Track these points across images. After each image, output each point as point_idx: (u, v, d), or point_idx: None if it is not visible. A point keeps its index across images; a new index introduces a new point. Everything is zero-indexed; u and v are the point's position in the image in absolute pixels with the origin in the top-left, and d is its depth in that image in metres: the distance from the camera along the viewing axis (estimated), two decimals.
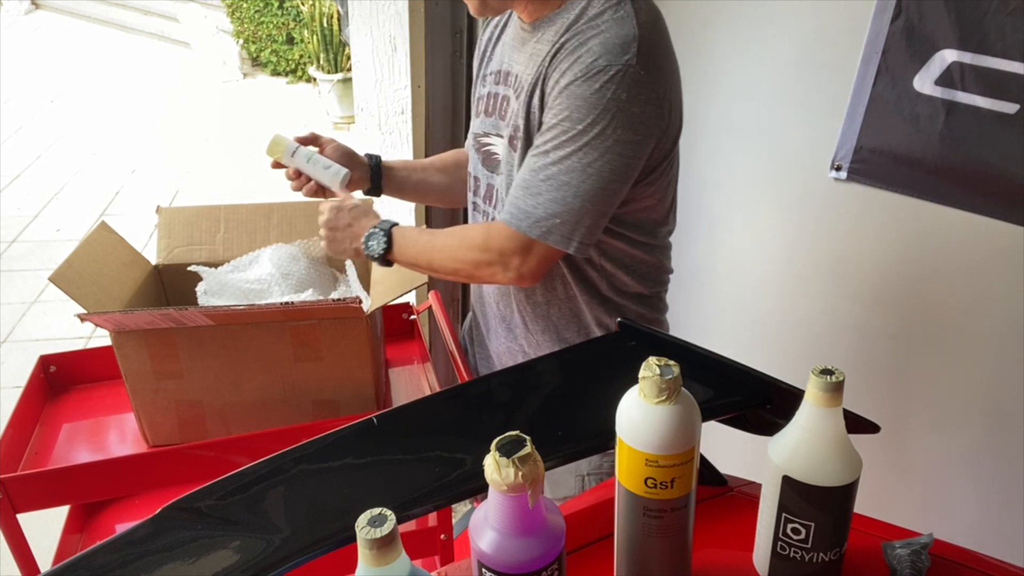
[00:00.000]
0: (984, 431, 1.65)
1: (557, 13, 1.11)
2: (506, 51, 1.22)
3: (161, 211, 1.57)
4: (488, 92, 1.25)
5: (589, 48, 1.03)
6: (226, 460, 1.34)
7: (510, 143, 1.17)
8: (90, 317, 1.25)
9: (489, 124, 1.25)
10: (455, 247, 1.17)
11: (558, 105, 1.06)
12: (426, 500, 0.74)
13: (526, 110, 1.12)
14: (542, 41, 1.12)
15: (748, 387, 0.86)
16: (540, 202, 1.08)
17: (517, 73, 1.18)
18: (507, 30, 1.24)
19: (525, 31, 1.17)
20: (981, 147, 1.46)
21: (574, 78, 1.04)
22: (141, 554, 0.69)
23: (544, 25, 1.12)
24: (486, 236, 1.13)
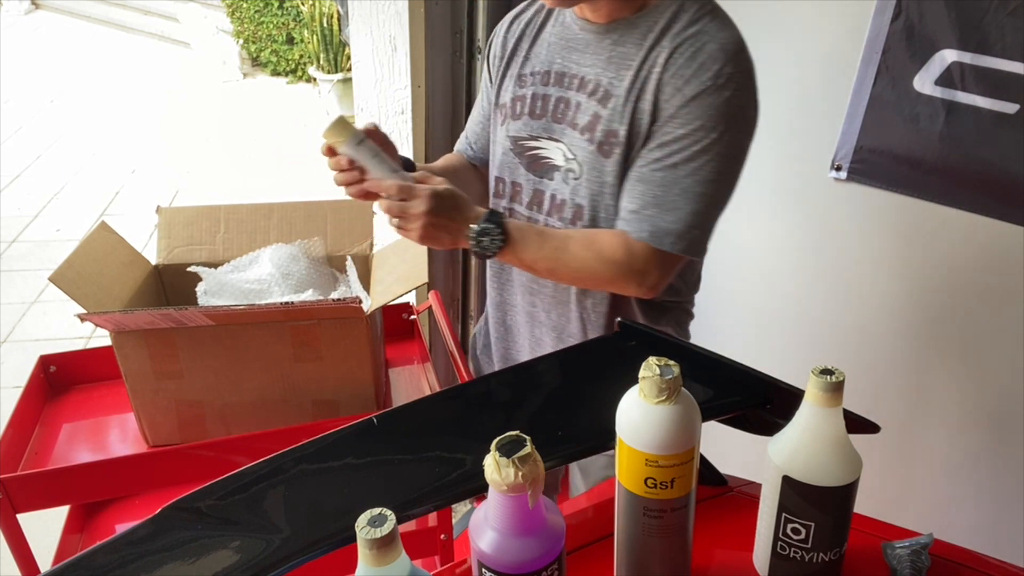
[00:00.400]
0: (984, 431, 1.65)
1: (639, 16, 1.09)
2: (556, 51, 1.17)
3: (161, 211, 1.57)
4: (533, 93, 1.18)
5: (711, 55, 1.04)
6: (226, 460, 1.34)
7: (599, 149, 1.11)
8: (90, 317, 1.25)
9: (537, 127, 1.18)
10: (590, 259, 1.10)
11: (686, 115, 1.04)
12: (426, 500, 0.74)
13: (630, 117, 1.08)
14: (624, 44, 1.09)
15: (748, 387, 0.86)
16: (679, 217, 1.07)
17: (583, 75, 1.13)
18: (548, 28, 1.19)
19: (590, 31, 1.13)
20: (981, 147, 1.46)
21: (702, 87, 1.03)
22: (141, 554, 0.69)
23: (622, 28, 1.09)
24: (628, 253, 1.09)
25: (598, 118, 1.11)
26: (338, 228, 1.55)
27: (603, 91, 1.10)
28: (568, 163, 1.15)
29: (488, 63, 1.29)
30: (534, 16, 1.22)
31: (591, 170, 1.13)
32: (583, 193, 1.14)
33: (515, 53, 1.22)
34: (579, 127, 1.13)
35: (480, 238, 1.09)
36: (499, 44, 1.25)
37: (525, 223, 1.15)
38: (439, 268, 2.13)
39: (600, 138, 1.11)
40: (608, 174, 1.11)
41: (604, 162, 1.11)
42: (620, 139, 1.09)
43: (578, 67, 1.14)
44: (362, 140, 1.08)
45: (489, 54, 1.28)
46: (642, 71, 1.07)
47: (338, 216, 1.55)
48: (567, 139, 1.15)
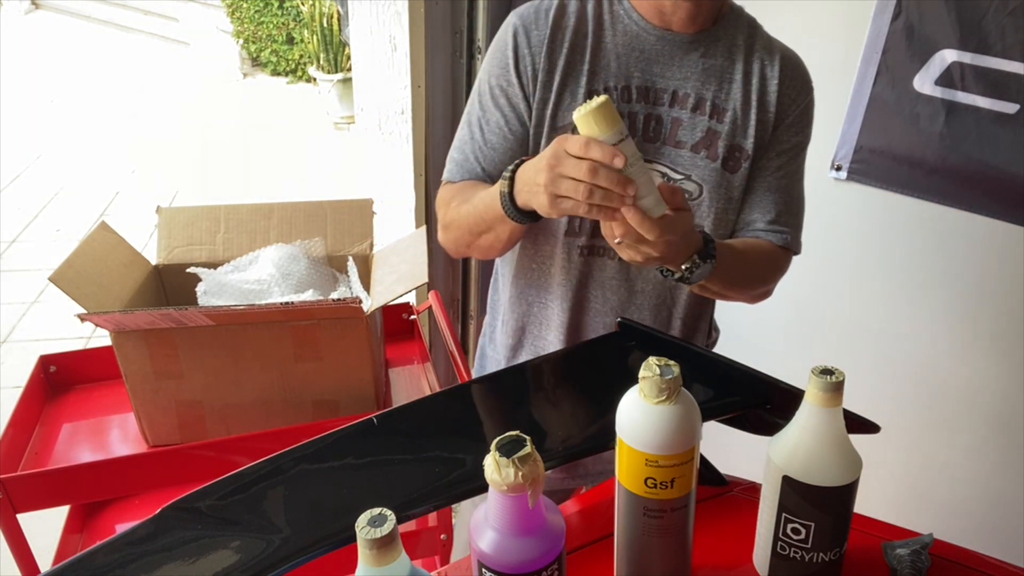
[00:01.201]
0: (984, 431, 1.65)
1: (718, 28, 1.08)
2: (633, 64, 1.06)
3: (161, 211, 1.57)
4: (623, 112, 1.06)
5: (804, 68, 1.11)
6: (226, 460, 1.34)
7: (724, 166, 1.07)
8: (90, 317, 1.25)
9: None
10: (770, 271, 1.13)
11: (798, 124, 1.10)
12: (426, 500, 0.74)
13: (755, 130, 1.07)
14: (713, 56, 1.06)
15: (748, 387, 0.86)
16: (800, 222, 1.16)
17: (675, 89, 1.06)
18: (608, 38, 1.07)
19: (674, 43, 1.06)
20: (981, 147, 1.46)
21: (807, 97, 1.11)
22: (141, 554, 0.69)
23: (706, 40, 1.06)
24: (785, 260, 1.15)
25: (715, 134, 1.06)
26: (338, 228, 1.55)
27: (710, 105, 1.06)
28: (677, 183, 1.07)
29: (519, 74, 1.08)
30: (579, 23, 1.07)
31: (716, 188, 1.08)
32: (704, 213, 1.09)
33: (572, 66, 1.07)
34: (688, 145, 1.07)
35: (694, 268, 0.95)
36: (543, 54, 1.07)
37: (720, 242, 1.00)
38: (439, 268, 2.13)
39: (723, 154, 1.07)
40: (735, 189, 1.09)
41: (731, 178, 1.08)
42: (747, 153, 1.07)
43: (667, 81, 1.07)
44: (625, 138, 0.83)
45: (518, 64, 1.08)
46: (751, 83, 1.07)
47: (338, 216, 1.55)
48: (669, 159, 1.08)
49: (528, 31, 1.07)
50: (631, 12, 1.07)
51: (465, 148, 1.14)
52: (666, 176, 1.09)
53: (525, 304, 1.20)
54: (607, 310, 1.15)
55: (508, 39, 1.08)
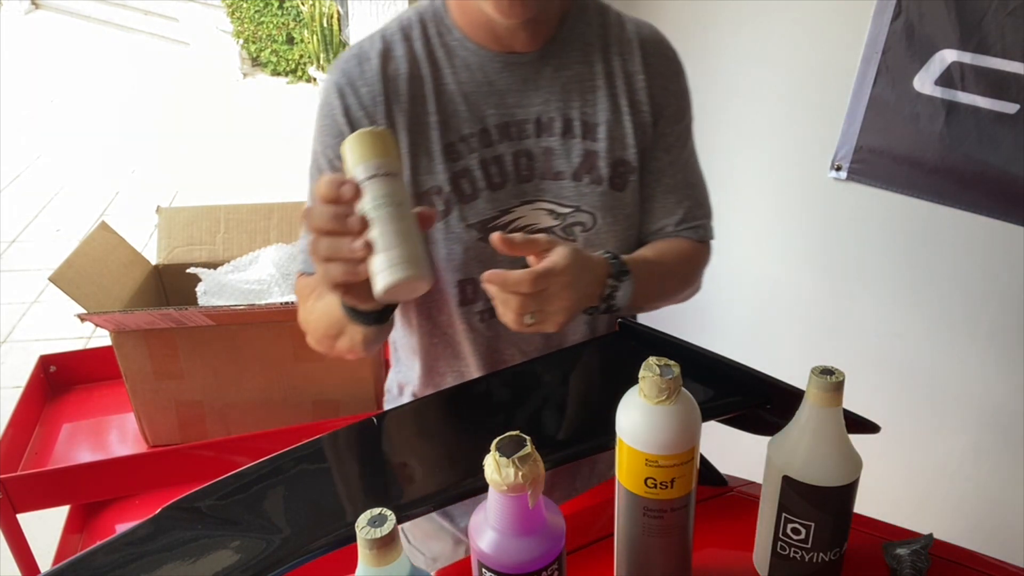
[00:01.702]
0: (984, 431, 1.65)
1: (564, 32, 0.96)
2: (483, 101, 0.93)
3: (161, 211, 1.57)
4: (481, 160, 0.93)
5: (666, 44, 1.02)
6: (226, 460, 1.34)
7: (612, 185, 0.97)
8: (90, 317, 1.25)
9: (506, 196, 0.95)
10: (691, 272, 1.05)
11: (677, 109, 1.02)
12: (426, 500, 0.74)
13: (634, 137, 0.97)
14: (568, 67, 0.95)
15: (748, 387, 0.86)
16: (708, 208, 1.08)
17: (538, 117, 0.95)
18: (448, 78, 0.93)
19: (522, 65, 0.94)
20: (981, 147, 1.46)
21: (678, 77, 1.02)
22: (141, 554, 0.69)
23: (555, 51, 0.95)
24: (706, 255, 1.07)
25: (594, 154, 0.96)
26: None
27: (579, 124, 0.95)
28: (567, 219, 0.97)
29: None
30: (411, 68, 0.93)
31: (610, 212, 0.97)
32: (604, 240, 0.98)
33: (417, 122, 0.93)
34: (567, 174, 0.96)
35: (615, 292, 0.86)
36: (380, 112, 0.92)
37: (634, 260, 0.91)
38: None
39: (607, 173, 0.96)
40: (628, 205, 0.99)
41: (622, 196, 0.98)
42: (632, 165, 0.98)
43: (526, 110, 0.94)
44: (380, 174, 0.68)
45: (352, 130, 0.91)
46: (615, 86, 0.96)
47: None
48: (551, 193, 0.96)
49: (355, 87, 0.92)
50: (465, 42, 0.93)
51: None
52: (553, 212, 0.97)
53: (439, 376, 1.06)
54: (521, 358, 1.03)
55: (334, 101, 0.93)
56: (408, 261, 0.66)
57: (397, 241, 0.66)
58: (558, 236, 0.97)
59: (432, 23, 0.94)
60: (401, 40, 0.93)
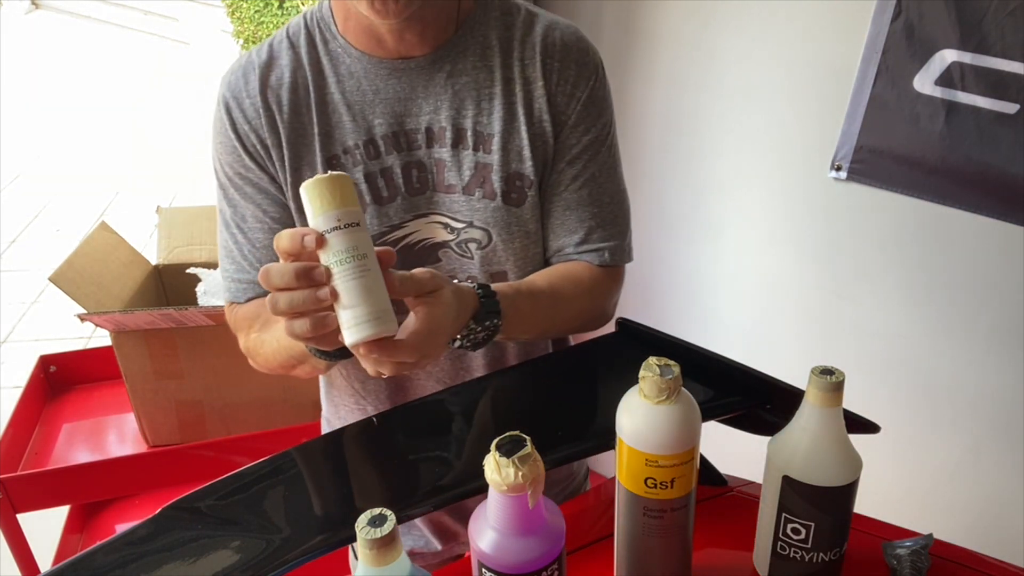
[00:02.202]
0: (984, 431, 1.65)
1: (461, 36, 0.89)
2: (369, 111, 0.88)
3: (161, 211, 1.58)
4: (366, 174, 0.89)
5: (580, 48, 0.91)
6: (226, 460, 1.34)
7: (507, 200, 0.90)
8: (90, 317, 1.25)
9: (396, 211, 0.90)
10: (585, 301, 0.92)
11: (586, 118, 0.92)
12: (426, 500, 0.74)
13: (531, 149, 0.90)
14: (462, 73, 0.89)
15: (748, 387, 0.86)
16: (621, 228, 0.97)
17: (428, 126, 0.89)
18: (332, 88, 0.89)
19: (410, 71, 0.88)
20: (981, 147, 1.46)
21: (590, 83, 0.91)
22: (141, 554, 0.69)
23: (449, 56, 0.89)
24: (607, 280, 0.95)
25: (486, 167, 0.89)
26: None
27: (471, 135, 0.89)
28: (461, 234, 0.91)
29: (250, 155, 0.89)
30: (294, 76, 0.89)
31: (505, 229, 0.91)
32: (501, 258, 0.93)
33: (299, 133, 0.89)
34: (458, 187, 0.90)
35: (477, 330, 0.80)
36: (264, 126, 0.88)
37: (507, 286, 0.85)
38: None
39: (501, 188, 0.90)
40: (528, 222, 0.92)
41: (519, 212, 0.91)
42: (530, 179, 0.90)
43: (415, 119, 0.89)
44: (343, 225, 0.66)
45: (244, 144, 0.89)
46: (513, 93, 0.89)
47: None
48: (445, 207, 0.91)
49: (240, 101, 0.89)
50: (349, 49, 0.88)
51: (234, 256, 0.93)
52: (448, 226, 0.91)
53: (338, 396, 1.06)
54: (432, 383, 0.99)
55: (223, 116, 0.90)
56: (376, 318, 0.66)
57: (363, 297, 0.65)
58: (455, 252, 0.92)
59: (317, 30, 0.90)
60: (287, 49, 0.90)
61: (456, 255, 0.93)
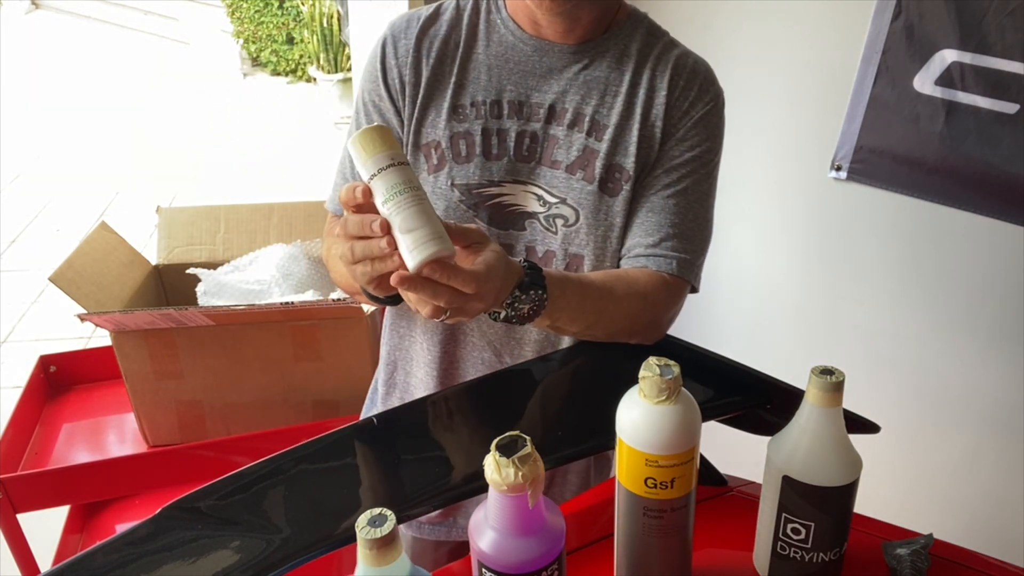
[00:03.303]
0: (984, 431, 1.65)
1: (607, 38, 0.98)
2: (505, 76, 0.98)
3: (161, 211, 1.58)
4: (483, 128, 0.97)
5: (706, 76, 0.99)
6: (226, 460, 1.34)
7: (602, 188, 0.96)
8: (90, 317, 1.25)
9: (498, 169, 0.97)
10: (638, 305, 0.93)
11: (694, 136, 0.97)
12: (426, 500, 0.74)
13: (636, 147, 0.95)
14: (597, 68, 0.97)
15: (748, 387, 0.86)
16: (695, 247, 0.99)
17: (552, 104, 0.97)
18: (480, 48, 0.99)
19: (553, 54, 0.97)
20: (981, 147, 1.46)
21: (707, 108, 0.98)
22: (141, 554, 0.69)
23: (591, 51, 0.97)
24: (667, 291, 0.96)
25: (593, 153, 0.96)
26: None
27: (588, 121, 0.96)
28: (552, 208, 0.97)
29: (387, 87, 1.00)
30: (450, 32, 0.99)
31: (593, 213, 0.96)
32: (583, 240, 0.98)
33: (438, 78, 0.99)
34: (563, 165, 0.97)
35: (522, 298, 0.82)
36: (408, 65, 0.99)
37: (557, 272, 0.89)
38: None
39: (601, 175, 0.96)
40: (616, 215, 0.97)
41: (611, 202, 0.97)
42: (628, 173, 0.96)
43: (542, 95, 0.97)
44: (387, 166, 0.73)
45: (386, 77, 1.00)
46: (636, 95, 0.97)
47: None
48: (544, 180, 0.97)
49: (396, 41, 1.00)
50: (508, 21, 0.98)
51: (345, 171, 1.05)
52: (542, 199, 0.98)
53: (396, 336, 1.08)
54: (484, 344, 1.03)
55: (378, 50, 1.01)
56: (436, 237, 0.72)
57: (420, 221, 0.72)
58: (541, 225, 0.98)
59: (485, 1, 1.00)
60: (453, 10, 1.00)
61: (542, 227, 0.98)
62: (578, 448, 0.80)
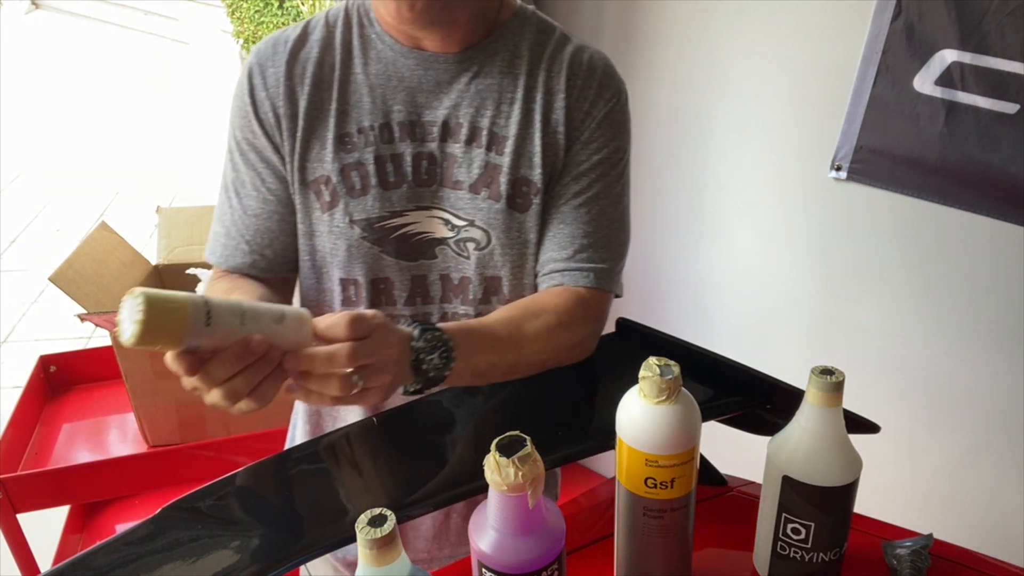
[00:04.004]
0: (984, 431, 1.65)
1: (493, 41, 0.91)
2: (391, 96, 0.90)
3: (161, 211, 1.58)
4: (376, 156, 0.89)
5: (606, 72, 0.93)
6: (226, 460, 1.34)
7: (511, 204, 0.90)
8: (90, 317, 1.25)
9: (399, 198, 0.90)
10: (556, 333, 0.87)
11: (600, 138, 0.92)
12: (426, 500, 0.74)
13: (542, 157, 0.90)
14: (488, 75, 0.90)
15: (748, 387, 0.86)
16: (613, 254, 0.94)
17: (446, 120, 0.90)
18: (358, 68, 0.90)
19: (438, 65, 0.90)
20: (981, 147, 1.46)
21: (609, 106, 0.92)
22: (141, 554, 0.69)
23: (478, 57, 0.90)
24: (584, 307, 0.90)
25: (496, 168, 0.90)
26: None
27: (487, 135, 0.90)
28: (461, 232, 0.91)
29: (261, 123, 0.90)
30: (323, 53, 0.91)
31: (505, 232, 0.91)
32: (498, 262, 0.92)
33: (317, 107, 0.90)
34: (466, 184, 0.90)
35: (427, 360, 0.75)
36: (282, 95, 0.89)
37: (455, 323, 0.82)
38: None
39: (508, 191, 0.90)
40: (529, 231, 0.92)
41: (521, 218, 0.91)
42: (536, 186, 0.90)
43: (433, 112, 0.90)
44: (208, 314, 0.63)
45: (258, 112, 0.90)
46: (534, 102, 0.90)
47: None
48: (449, 203, 0.91)
49: (264, 70, 0.90)
50: (383, 36, 0.90)
51: (225, 219, 0.95)
52: (449, 223, 0.91)
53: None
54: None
55: (244, 82, 0.91)
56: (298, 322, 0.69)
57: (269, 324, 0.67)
58: (452, 250, 0.92)
59: (356, 15, 0.92)
60: (322, 27, 0.92)
61: (453, 253, 0.92)
62: (578, 448, 0.80)
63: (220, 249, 0.94)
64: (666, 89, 1.87)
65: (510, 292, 0.94)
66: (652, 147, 1.95)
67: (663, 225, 2.01)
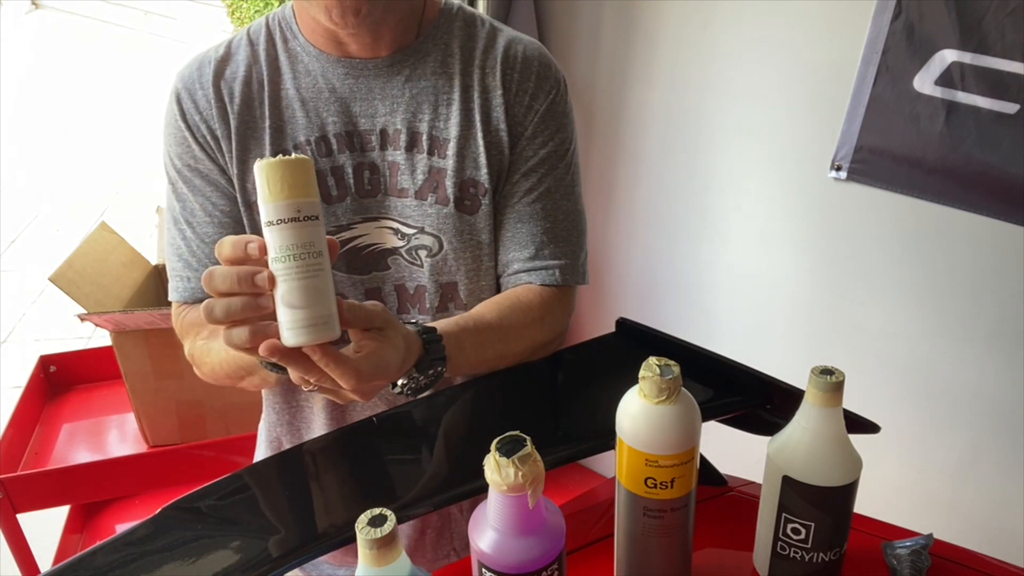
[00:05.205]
0: (984, 431, 1.65)
1: (423, 42, 0.90)
2: (323, 108, 0.88)
3: (161, 211, 1.57)
4: (325, 168, 0.88)
5: (542, 63, 0.92)
6: (226, 460, 1.34)
7: (460, 207, 0.89)
8: (90, 317, 1.25)
9: (344, 211, 0.89)
10: (536, 328, 0.90)
11: (544, 132, 0.91)
12: (426, 500, 0.74)
13: (486, 156, 0.89)
14: (421, 78, 0.89)
15: (748, 387, 0.86)
16: (574, 248, 0.95)
17: (383, 128, 0.88)
18: (287, 83, 0.89)
19: (368, 72, 0.88)
20: (981, 147, 1.46)
21: (550, 98, 0.91)
22: (141, 554, 0.69)
23: (409, 59, 0.89)
24: (557, 303, 0.92)
25: (440, 172, 0.89)
26: None
27: (426, 139, 0.89)
28: (411, 240, 0.90)
29: (201, 146, 0.88)
30: (248, 71, 0.89)
31: (457, 236, 0.90)
32: (452, 267, 0.92)
33: (249, 126, 0.88)
34: (411, 191, 0.89)
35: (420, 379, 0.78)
36: (215, 117, 0.87)
37: (445, 321, 0.83)
38: None
39: (455, 194, 0.89)
40: (481, 232, 0.91)
41: (472, 220, 0.90)
42: (484, 186, 0.90)
43: (370, 120, 0.89)
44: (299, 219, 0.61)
45: (195, 135, 0.88)
46: (471, 101, 0.89)
47: None
48: (396, 211, 0.90)
49: (192, 93, 0.88)
50: (308, 47, 0.89)
51: (182, 252, 0.91)
52: (399, 232, 0.90)
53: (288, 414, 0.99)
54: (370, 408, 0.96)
55: (174, 108, 0.89)
56: (324, 322, 0.62)
57: (315, 299, 0.61)
58: (404, 259, 0.91)
59: (278, 29, 0.91)
60: (246, 45, 0.90)
61: (406, 262, 0.91)
62: (578, 448, 0.80)
63: (184, 284, 0.91)
64: (665, 89, 1.87)
65: (467, 297, 0.94)
66: (652, 147, 1.95)
67: (663, 225, 2.01)
